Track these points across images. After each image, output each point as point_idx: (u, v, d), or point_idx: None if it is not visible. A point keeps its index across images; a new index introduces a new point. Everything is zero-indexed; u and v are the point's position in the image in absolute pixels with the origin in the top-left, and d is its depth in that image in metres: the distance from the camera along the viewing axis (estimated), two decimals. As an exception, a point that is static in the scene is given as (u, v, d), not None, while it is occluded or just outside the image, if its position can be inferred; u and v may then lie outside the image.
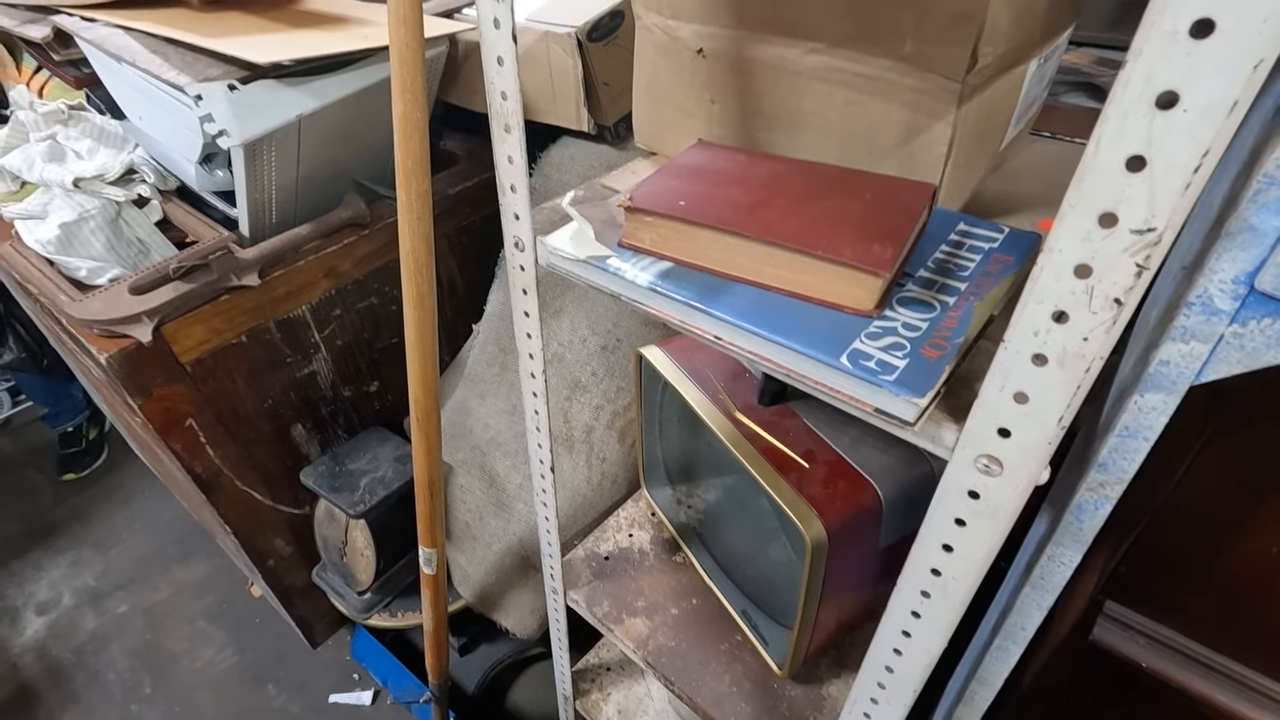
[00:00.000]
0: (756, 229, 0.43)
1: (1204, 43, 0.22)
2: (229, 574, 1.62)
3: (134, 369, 0.88)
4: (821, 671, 0.79)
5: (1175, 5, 0.23)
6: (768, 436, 0.69)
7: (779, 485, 0.64)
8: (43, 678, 1.45)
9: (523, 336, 0.65)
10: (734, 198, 0.46)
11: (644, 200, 0.47)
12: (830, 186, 0.47)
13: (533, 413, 0.70)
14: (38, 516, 1.80)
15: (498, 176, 0.55)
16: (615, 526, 0.96)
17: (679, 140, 0.65)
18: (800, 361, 0.40)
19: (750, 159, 0.51)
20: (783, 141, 0.57)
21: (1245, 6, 0.21)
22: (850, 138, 0.53)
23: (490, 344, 1.13)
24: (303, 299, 1.03)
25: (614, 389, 1.07)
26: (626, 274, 0.47)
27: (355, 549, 1.06)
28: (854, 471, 0.66)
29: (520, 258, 0.58)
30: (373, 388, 1.20)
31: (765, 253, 0.43)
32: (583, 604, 0.87)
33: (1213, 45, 0.22)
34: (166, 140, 1.02)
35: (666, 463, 0.92)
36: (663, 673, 0.80)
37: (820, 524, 0.61)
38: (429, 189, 0.69)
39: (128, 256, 1.05)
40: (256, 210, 1.01)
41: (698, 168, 0.50)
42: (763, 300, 0.43)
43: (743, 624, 0.82)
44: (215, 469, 1.02)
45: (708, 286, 0.45)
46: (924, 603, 0.43)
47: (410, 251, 0.71)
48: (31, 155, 1.04)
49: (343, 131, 1.00)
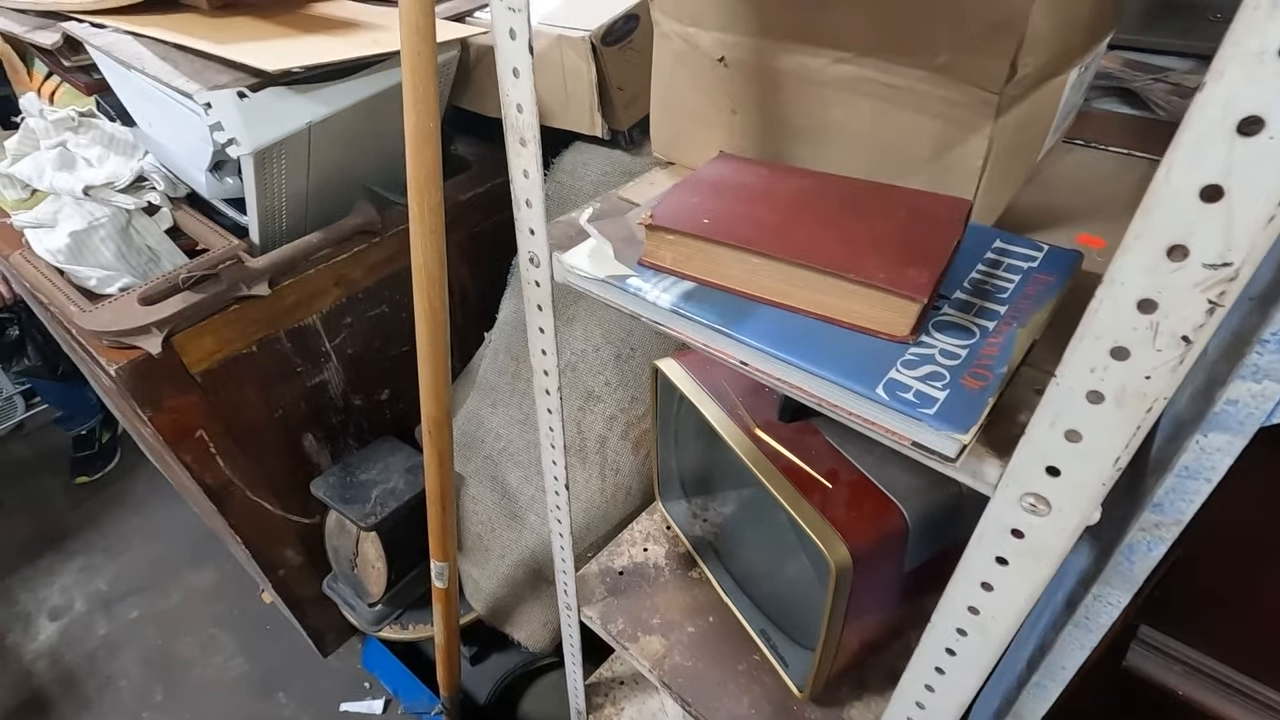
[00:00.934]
0: (784, 249, 0.41)
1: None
2: (240, 580, 1.61)
3: (144, 380, 0.87)
4: (843, 694, 0.77)
5: (1263, 25, 0.21)
6: (789, 455, 0.67)
7: (801, 507, 0.62)
8: (55, 684, 1.45)
9: (537, 353, 0.63)
10: (760, 215, 0.44)
11: (666, 218, 0.45)
12: (860, 203, 0.45)
13: (547, 429, 0.69)
14: (51, 521, 1.81)
15: (513, 191, 0.53)
16: (629, 540, 0.94)
17: (698, 151, 0.63)
18: (833, 391, 0.38)
19: (775, 173, 0.49)
20: (807, 154, 0.55)
21: (1347, 27, 0.19)
22: (879, 151, 0.50)
23: (502, 353, 1.12)
24: (313, 308, 1.02)
25: (628, 398, 1.05)
26: (648, 295, 0.45)
27: (366, 560, 1.05)
28: (879, 492, 0.64)
29: (536, 273, 0.56)
30: (384, 396, 1.19)
31: (793, 274, 0.41)
32: (597, 621, 0.85)
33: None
34: (176, 147, 1.01)
35: (682, 476, 0.90)
36: (679, 693, 0.78)
37: (845, 548, 0.59)
38: (442, 201, 0.68)
39: (138, 265, 1.04)
40: (267, 218, 1.00)
41: (721, 182, 0.49)
42: (790, 324, 0.42)
43: (761, 644, 0.80)
44: (226, 480, 1.01)
45: (733, 309, 0.43)
46: (960, 640, 0.41)
47: (423, 266, 0.69)
48: (41, 163, 1.03)
49: (353, 138, 0.99)
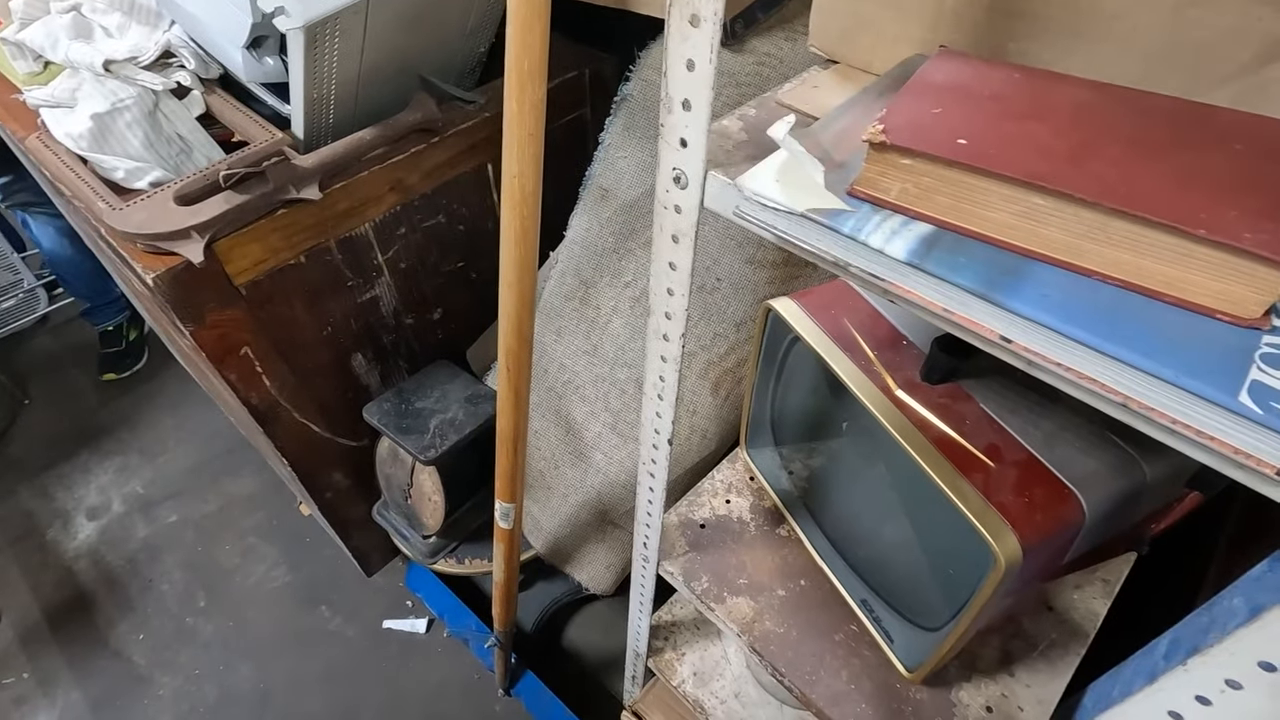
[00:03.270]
0: (1089, 188, 0.30)
1: None
2: (278, 490, 1.58)
3: (185, 292, 0.77)
4: (950, 674, 0.70)
5: None
6: (940, 424, 0.57)
7: (961, 489, 0.53)
8: (98, 583, 1.45)
9: (662, 292, 0.52)
10: (1040, 138, 0.32)
11: (905, 134, 0.33)
12: (1174, 128, 0.33)
13: (657, 378, 0.59)
14: (83, 417, 1.77)
15: (665, 86, 0.41)
16: (711, 491, 0.87)
17: (878, 48, 0.50)
18: (1167, 396, 0.27)
19: (1036, 81, 0.37)
20: (1050, 56, 0.42)
21: None
22: (1170, 55, 0.38)
23: (570, 275, 1.01)
24: (366, 215, 0.91)
25: (710, 335, 0.95)
26: (872, 239, 0.34)
27: (422, 493, 0.99)
28: (1052, 476, 0.55)
29: (680, 196, 0.45)
30: (436, 315, 1.10)
31: (1099, 224, 0.30)
32: (679, 577, 0.79)
33: None
34: (208, 18, 0.87)
35: (779, 425, 0.81)
36: (771, 662, 0.72)
37: (1015, 539, 0.50)
38: (544, 98, 0.55)
39: (168, 156, 0.92)
40: (313, 109, 0.87)
41: (964, 89, 0.36)
42: (1081, 293, 0.31)
43: (862, 615, 0.73)
44: (272, 400, 0.94)
45: (997, 267, 0.32)
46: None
47: (516, 176, 0.58)
48: (54, 30, 0.90)
49: (415, 17, 0.84)
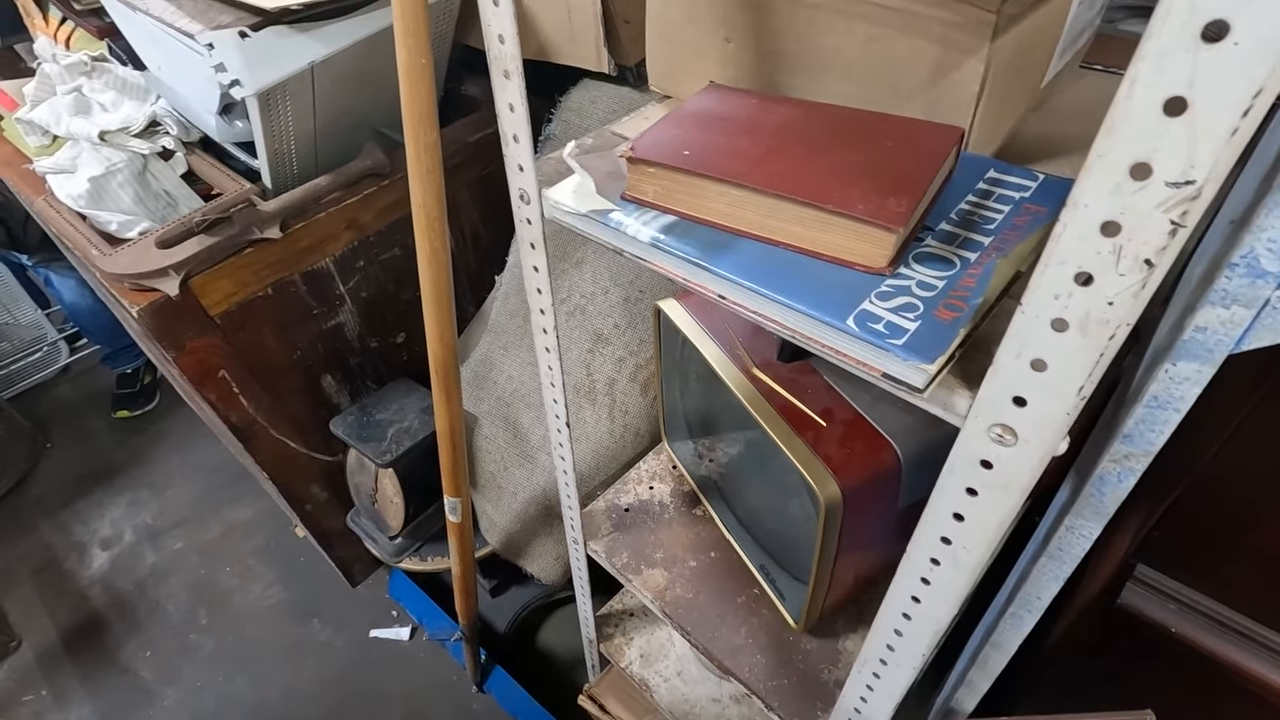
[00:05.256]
0: (763, 180, 0.40)
1: (1261, -39, 0.19)
2: (274, 516, 1.69)
3: (165, 321, 0.90)
4: (839, 626, 0.79)
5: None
6: (785, 393, 0.67)
7: (794, 444, 0.62)
8: (110, 607, 1.56)
9: (533, 291, 0.63)
10: (742, 147, 0.43)
11: (646, 150, 0.44)
12: (848, 132, 0.44)
13: (546, 368, 0.70)
14: (98, 458, 1.90)
15: (500, 126, 0.53)
16: (636, 479, 0.96)
17: (694, 82, 0.61)
18: (805, 323, 0.38)
19: (763, 103, 0.48)
20: (801, 83, 0.53)
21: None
22: (873, 78, 0.49)
23: (513, 295, 1.12)
24: (325, 251, 1.04)
25: (636, 341, 1.05)
26: (628, 229, 0.45)
27: (385, 496, 1.09)
28: (873, 430, 0.64)
29: (526, 210, 0.56)
30: (399, 339, 1.22)
31: (772, 206, 0.41)
32: (602, 554, 0.88)
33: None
34: (186, 91, 1.01)
35: (687, 416, 0.91)
36: (679, 623, 0.81)
37: (835, 484, 0.60)
38: (438, 140, 0.67)
39: (156, 209, 1.06)
40: (277, 161, 1.00)
41: (707, 114, 0.47)
42: (770, 257, 0.41)
43: (760, 578, 0.82)
44: (250, 418, 1.05)
45: (712, 242, 0.43)
46: (933, 570, 0.41)
47: (421, 206, 0.70)
48: (58, 108, 1.05)
49: (358, 78, 0.98)
